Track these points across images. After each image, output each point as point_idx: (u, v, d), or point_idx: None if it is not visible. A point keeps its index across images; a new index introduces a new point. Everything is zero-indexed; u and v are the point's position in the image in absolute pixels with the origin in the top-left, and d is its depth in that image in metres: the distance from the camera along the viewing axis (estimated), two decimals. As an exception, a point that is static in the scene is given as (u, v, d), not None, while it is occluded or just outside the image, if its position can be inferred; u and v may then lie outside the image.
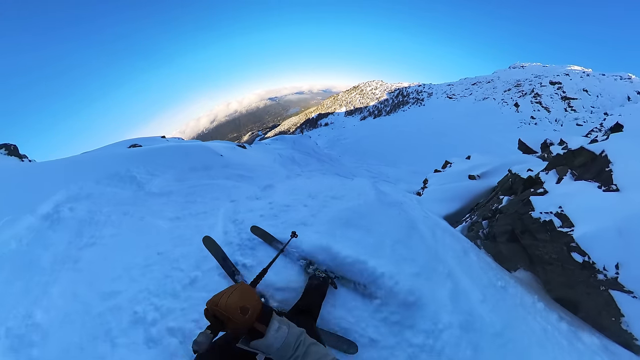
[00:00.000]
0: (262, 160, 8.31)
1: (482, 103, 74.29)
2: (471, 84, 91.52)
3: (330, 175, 7.84)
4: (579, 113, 58.65)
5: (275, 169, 7.58)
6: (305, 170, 8.44)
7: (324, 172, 8.67)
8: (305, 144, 11.85)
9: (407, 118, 74.84)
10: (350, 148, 50.96)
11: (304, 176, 6.36)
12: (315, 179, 3.83)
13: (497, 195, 5.51)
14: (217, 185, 3.99)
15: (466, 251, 2.84)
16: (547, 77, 72.09)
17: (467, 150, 43.54)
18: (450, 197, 6.50)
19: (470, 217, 5.65)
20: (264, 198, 2.71)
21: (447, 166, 8.32)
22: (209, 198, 3.30)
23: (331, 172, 9.17)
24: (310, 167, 9.34)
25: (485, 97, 77.76)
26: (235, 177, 4.94)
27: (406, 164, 37.54)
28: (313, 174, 7.54)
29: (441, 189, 6.85)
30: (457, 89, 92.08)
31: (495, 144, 42.20)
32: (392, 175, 19.36)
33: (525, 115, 61.60)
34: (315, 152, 11.46)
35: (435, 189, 6.97)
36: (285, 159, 9.42)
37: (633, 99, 58.76)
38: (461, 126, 57.02)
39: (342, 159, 24.91)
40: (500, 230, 3.75)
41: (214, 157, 6.02)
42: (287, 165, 8.97)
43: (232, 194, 3.42)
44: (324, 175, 7.34)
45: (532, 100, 66.62)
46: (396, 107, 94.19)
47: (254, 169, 6.44)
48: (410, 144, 48.47)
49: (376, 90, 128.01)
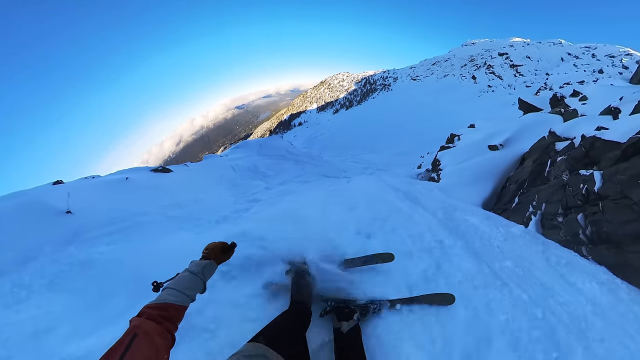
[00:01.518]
0: (193, 187, 5.25)
1: (444, 80, 77.93)
2: (431, 64, 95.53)
3: (316, 182, 5.87)
4: (526, 77, 64.81)
5: (210, 199, 4.78)
6: (276, 183, 5.84)
7: (306, 180, 6.10)
8: (277, 145, 9.60)
9: (378, 104, 75.68)
10: (329, 143, 49.71)
11: (267, 199, 4.34)
12: (287, 202, 3.03)
13: (547, 169, 4.12)
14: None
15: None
16: (495, 50, 78.18)
17: (441, 124, 44.69)
18: (476, 176, 5.03)
19: (518, 201, 4.20)
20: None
21: (454, 139, 6.92)
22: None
23: (316, 176, 7.11)
24: (283, 176, 6.36)
25: (446, 74, 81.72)
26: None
27: (388, 148, 37.20)
28: (287, 189, 5.23)
29: (462, 169, 5.35)
30: (419, 70, 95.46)
31: (459, 113, 44.65)
32: (379, 162, 18.19)
33: (483, 85, 66.09)
34: (291, 153, 9.37)
35: (454, 170, 5.46)
36: (242, 173, 6.26)
37: (565, 59, 66.59)
38: (429, 103, 59.18)
39: (324, 155, 23.26)
40: (626, 232, 2.24)
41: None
42: (244, 182, 5.88)
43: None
44: (305, 185, 5.27)
45: (486, 72, 71.73)
46: (366, 95, 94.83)
47: (147, 213, 3.99)
48: (386, 128, 48.77)
49: (344, 82, 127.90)
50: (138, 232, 3.61)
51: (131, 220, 3.89)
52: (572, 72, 55.59)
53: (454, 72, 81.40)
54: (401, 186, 4.39)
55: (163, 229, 3.70)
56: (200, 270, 0.94)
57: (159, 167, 6.33)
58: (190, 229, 3.68)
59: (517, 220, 3.91)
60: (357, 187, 3.91)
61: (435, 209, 2.98)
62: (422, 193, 3.98)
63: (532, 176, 4.39)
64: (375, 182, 4.09)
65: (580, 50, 66.93)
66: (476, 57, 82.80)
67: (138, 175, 5.63)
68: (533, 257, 2.44)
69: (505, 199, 4.66)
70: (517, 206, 4.14)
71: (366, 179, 4.51)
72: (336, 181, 5.72)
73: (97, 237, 3.31)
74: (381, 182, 4.01)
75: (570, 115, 5.56)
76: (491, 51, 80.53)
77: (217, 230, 3.10)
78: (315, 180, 6.06)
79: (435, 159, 6.37)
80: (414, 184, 4.96)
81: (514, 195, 4.47)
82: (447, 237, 2.38)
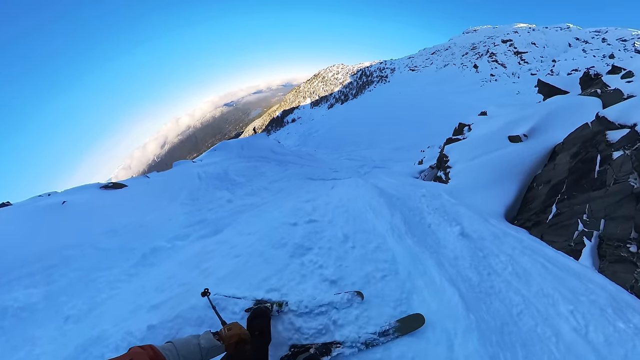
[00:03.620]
0: (143, 205, 4.27)
1: (444, 70, 75.81)
2: (430, 53, 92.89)
3: (294, 189, 4.75)
4: (531, 64, 62.72)
5: (158, 220, 3.83)
6: (243, 193, 4.69)
7: (282, 188, 4.92)
8: (260, 145, 8.41)
9: (375, 97, 73.93)
10: (323, 140, 48.66)
11: (215, 220, 3.47)
12: (226, 233, 2.42)
13: (597, 167, 3.03)
14: None
15: None
16: (498, 37, 75.62)
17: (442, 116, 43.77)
18: (495, 176, 3.95)
19: (557, 211, 3.12)
20: None
21: (464, 130, 5.79)
22: None
23: (298, 180, 5.90)
24: (256, 183, 5.15)
25: (446, 64, 79.43)
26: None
27: (386, 143, 36.18)
28: (252, 203, 4.22)
29: (476, 167, 4.26)
30: (417, 60, 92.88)
31: (460, 104, 43.81)
32: (376, 158, 17.14)
33: (485, 74, 64.19)
34: (276, 153, 8.23)
35: (465, 168, 4.37)
36: (208, 182, 5.15)
37: (573, 45, 64.28)
38: (429, 95, 57.59)
39: (318, 153, 22.23)
40: None
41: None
42: (206, 194, 4.73)
43: None
44: (278, 195, 4.12)
45: (489, 60, 69.54)
46: (362, 88, 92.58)
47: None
48: (384, 122, 47.71)
49: (338, 74, 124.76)
50: (63, 271, 3.03)
51: (58, 255, 3.29)
52: (580, 58, 53.47)
53: (455, 61, 79.19)
54: (400, 191, 3.30)
55: (88, 265, 3.06)
56: (207, 348, 0.98)
57: (109, 183, 5.26)
58: (112, 266, 2.85)
59: (558, 241, 2.84)
60: (338, 197, 2.85)
61: (457, 258, 1.89)
62: (431, 204, 2.90)
63: (574, 176, 3.29)
64: (365, 189, 3.02)
65: (589, 34, 64.39)
66: (478, 44, 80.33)
67: (80, 196, 4.69)
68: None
69: (535, 205, 3.57)
70: (556, 219, 3.06)
71: (354, 184, 3.44)
72: (320, 185, 4.65)
73: (17, 279, 2.88)
74: (372, 190, 2.93)
75: (612, 96, 4.42)
76: (494, 38, 78.01)
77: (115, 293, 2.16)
78: (294, 187, 4.96)
79: (442, 154, 5.26)
80: (415, 187, 3.87)
81: (548, 201, 3.39)
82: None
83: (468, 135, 5.27)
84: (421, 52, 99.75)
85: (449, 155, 4.88)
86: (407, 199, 3.11)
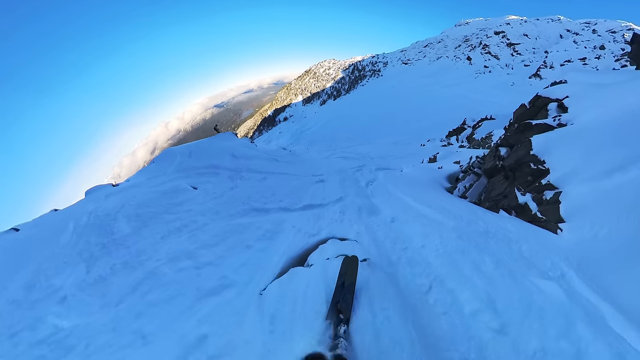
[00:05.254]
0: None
1: (437, 62, 74.17)
2: (423, 46, 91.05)
3: (198, 261, 2.07)
4: (524, 55, 61.83)
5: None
6: (92, 280, 2.09)
7: (172, 257, 1.91)
8: (217, 148, 5.66)
9: (368, 91, 71.62)
10: (317, 137, 46.23)
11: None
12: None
13: None
14: None
15: None
16: (491, 29, 74.38)
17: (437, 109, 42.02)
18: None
19: None
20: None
21: (550, 109, 3.26)
22: None
23: (239, 215, 3.03)
24: (152, 236, 2.60)
25: (439, 56, 77.84)
26: None
27: (383, 137, 34.00)
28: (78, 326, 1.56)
29: (620, 193, 1.85)
30: (410, 53, 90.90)
31: (455, 96, 42.71)
32: (374, 154, 14.78)
33: (479, 66, 62.89)
34: (237, 158, 5.59)
35: (601, 197, 1.96)
36: (80, 237, 2.50)
37: (564, 36, 63.95)
38: (423, 87, 55.88)
39: (310, 151, 19.72)
40: None
41: None
42: (54, 265, 2.23)
43: None
44: (145, 301, 1.77)
45: (482, 52, 68.28)
46: (354, 83, 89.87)
47: None
48: (378, 116, 45.71)
49: (330, 70, 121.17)
50: None
51: None
52: (572, 49, 52.84)
53: (448, 53, 77.72)
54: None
55: None
56: None
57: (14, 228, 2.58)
58: None
59: None
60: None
61: None
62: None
63: None
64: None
65: (579, 26, 64.05)
66: (471, 37, 79.05)
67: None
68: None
69: None
70: None
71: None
72: (261, 239, 2.13)
73: None
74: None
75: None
76: (486, 30, 76.83)
77: None
78: (212, 244, 2.36)
79: (531, 155, 2.67)
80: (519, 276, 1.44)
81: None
82: None
83: (574, 120, 2.77)
84: (414, 45, 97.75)
85: (551, 160, 2.42)
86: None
